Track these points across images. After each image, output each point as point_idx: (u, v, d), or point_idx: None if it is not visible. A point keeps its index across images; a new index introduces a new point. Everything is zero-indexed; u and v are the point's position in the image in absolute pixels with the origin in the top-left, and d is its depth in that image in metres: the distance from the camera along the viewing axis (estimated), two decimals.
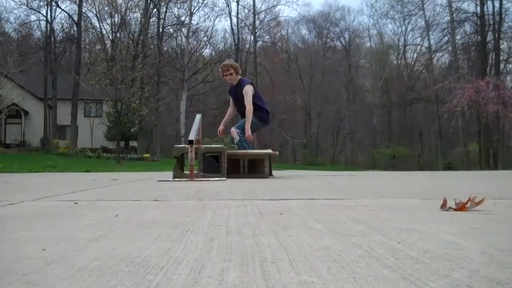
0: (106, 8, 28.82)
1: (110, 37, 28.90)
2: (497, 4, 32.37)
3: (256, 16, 37.41)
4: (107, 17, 29.15)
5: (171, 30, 32.84)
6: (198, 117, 5.09)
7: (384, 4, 43.44)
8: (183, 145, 5.19)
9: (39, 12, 32.06)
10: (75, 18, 29.54)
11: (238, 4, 37.42)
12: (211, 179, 4.40)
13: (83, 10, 29.23)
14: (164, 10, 30.72)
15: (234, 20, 37.11)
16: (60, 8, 31.35)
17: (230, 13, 37.32)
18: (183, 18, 32.11)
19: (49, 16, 30.53)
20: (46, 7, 30.54)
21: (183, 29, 31.99)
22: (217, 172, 4.88)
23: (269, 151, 5.68)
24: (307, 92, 41.13)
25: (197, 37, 33.46)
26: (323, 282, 0.65)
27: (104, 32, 29.51)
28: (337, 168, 29.42)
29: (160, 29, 30.53)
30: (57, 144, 27.77)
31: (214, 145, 6.00)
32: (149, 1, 29.37)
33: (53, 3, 30.33)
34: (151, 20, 29.88)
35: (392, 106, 40.93)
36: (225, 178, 4.54)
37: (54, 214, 1.53)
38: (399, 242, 0.97)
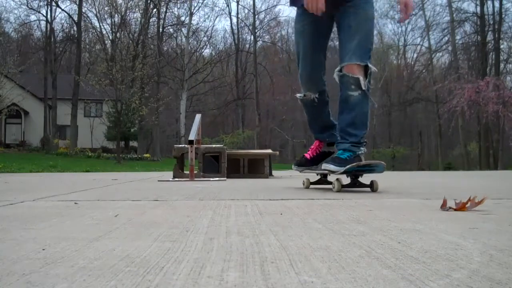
0: (106, 8, 28.90)
1: (110, 37, 28.95)
2: (497, 4, 32.38)
3: (256, 16, 37.45)
4: (107, 17, 29.23)
5: (171, 30, 32.89)
6: (198, 117, 5.10)
7: (384, 4, 43.48)
8: (183, 145, 5.19)
9: (39, 12, 32.16)
10: (75, 18, 29.59)
11: (238, 4, 37.61)
12: (211, 179, 4.40)
13: (83, 10, 29.29)
14: (164, 10, 30.76)
15: (234, 20, 37.27)
16: (60, 8, 31.44)
17: (230, 13, 37.48)
18: (183, 18, 32.16)
19: (49, 16, 30.60)
20: (46, 7, 30.63)
21: (183, 29, 32.04)
22: (217, 172, 4.88)
23: (269, 151, 5.70)
24: None
25: (197, 37, 33.55)
26: (323, 282, 0.65)
27: (104, 32, 29.59)
28: None
29: (160, 29, 30.56)
30: (57, 144, 27.80)
31: (214, 145, 6.00)
32: (149, 1, 29.38)
33: (53, 3, 30.39)
34: (151, 20, 29.92)
35: (392, 106, 40.92)
36: (225, 178, 4.55)
37: (54, 214, 1.53)
38: (399, 242, 0.97)
